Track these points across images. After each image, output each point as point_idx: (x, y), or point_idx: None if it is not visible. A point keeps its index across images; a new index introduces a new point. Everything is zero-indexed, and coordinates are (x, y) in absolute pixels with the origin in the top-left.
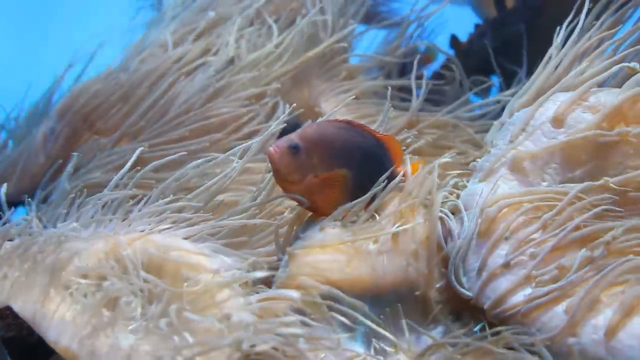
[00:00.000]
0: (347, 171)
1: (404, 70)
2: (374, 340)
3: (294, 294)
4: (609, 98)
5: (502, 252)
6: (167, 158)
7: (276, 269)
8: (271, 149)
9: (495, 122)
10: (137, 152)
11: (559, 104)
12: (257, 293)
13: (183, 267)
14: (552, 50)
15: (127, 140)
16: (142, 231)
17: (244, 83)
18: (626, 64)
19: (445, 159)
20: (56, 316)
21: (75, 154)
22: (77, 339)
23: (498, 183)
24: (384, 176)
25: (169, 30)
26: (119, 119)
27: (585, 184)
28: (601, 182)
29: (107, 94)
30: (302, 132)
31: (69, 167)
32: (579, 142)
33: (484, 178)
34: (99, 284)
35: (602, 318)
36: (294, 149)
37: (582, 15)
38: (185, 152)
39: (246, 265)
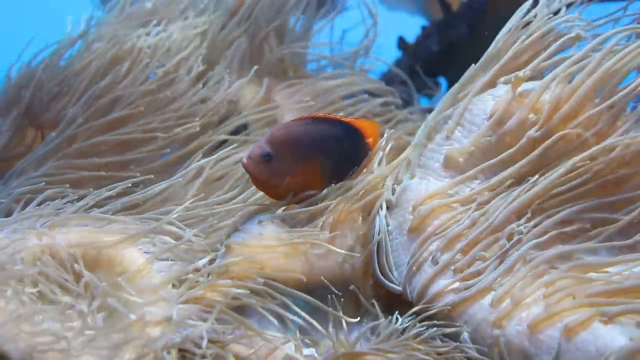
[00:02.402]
0: (322, 159)
1: None
2: (306, 332)
3: (229, 285)
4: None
5: (431, 248)
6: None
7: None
8: (244, 160)
9: (436, 108)
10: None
11: (497, 100)
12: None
13: (117, 262)
14: (496, 40)
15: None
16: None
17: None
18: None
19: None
20: None
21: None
22: (11, 339)
23: (430, 179)
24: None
25: (116, 21)
26: (60, 111)
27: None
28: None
29: (49, 85)
30: (270, 137)
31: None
32: (512, 138)
33: (418, 174)
34: (35, 282)
35: (526, 310)
36: (266, 157)
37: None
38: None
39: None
